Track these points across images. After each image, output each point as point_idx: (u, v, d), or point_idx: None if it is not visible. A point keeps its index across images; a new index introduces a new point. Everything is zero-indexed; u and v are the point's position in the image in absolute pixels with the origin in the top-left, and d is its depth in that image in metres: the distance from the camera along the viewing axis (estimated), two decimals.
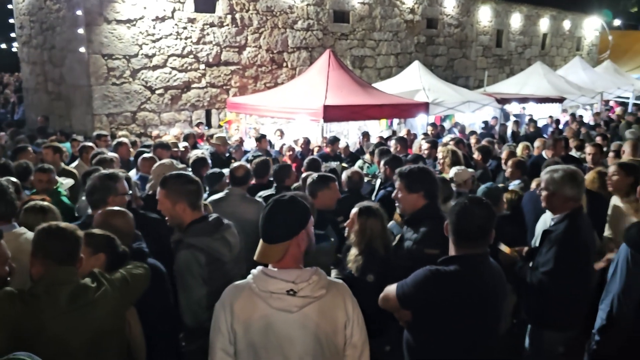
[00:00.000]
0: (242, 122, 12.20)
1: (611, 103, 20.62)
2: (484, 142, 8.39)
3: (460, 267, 2.47)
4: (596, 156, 6.40)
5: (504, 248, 3.44)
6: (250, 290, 2.07)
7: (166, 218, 3.04)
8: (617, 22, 32.70)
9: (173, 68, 11.80)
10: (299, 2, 14.01)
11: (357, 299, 2.18)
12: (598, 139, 8.86)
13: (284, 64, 14.01)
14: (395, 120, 13.75)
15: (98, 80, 10.84)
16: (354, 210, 3.37)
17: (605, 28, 28.43)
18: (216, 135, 8.99)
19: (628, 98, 20.76)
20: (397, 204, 3.27)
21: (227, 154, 8.61)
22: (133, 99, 11.36)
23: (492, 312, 2.58)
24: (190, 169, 5.71)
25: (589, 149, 6.54)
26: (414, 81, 13.41)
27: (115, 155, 6.03)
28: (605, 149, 7.49)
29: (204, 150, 8.12)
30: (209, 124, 12.52)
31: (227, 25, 12.60)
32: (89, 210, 3.47)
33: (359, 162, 8.13)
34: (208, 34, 12.26)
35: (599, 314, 2.71)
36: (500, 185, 5.80)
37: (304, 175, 5.39)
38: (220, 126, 12.54)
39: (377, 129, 13.59)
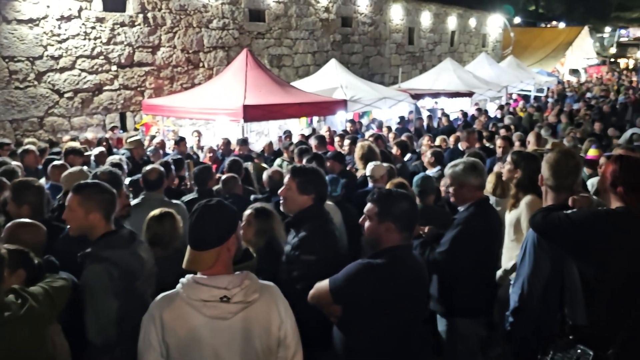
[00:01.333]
0: (159, 124, 11.85)
1: (514, 96, 21.92)
2: (402, 137, 8.66)
3: (389, 259, 2.55)
4: (506, 148, 6.79)
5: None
6: (181, 300, 2.02)
7: (68, 227, 2.87)
8: (517, 20, 34.81)
9: (82, 70, 11.24)
10: (213, 1, 13.79)
11: None
12: (503, 131, 9.41)
13: (201, 64, 13.75)
14: (315, 118, 13.90)
15: None
16: (248, 211, 3.36)
17: (507, 25, 30.20)
18: (130, 139, 8.63)
19: (530, 91, 22.20)
20: (281, 201, 3.10)
21: (145, 158, 8.33)
22: (39, 104, 10.70)
23: (420, 301, 2.70)
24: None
25: (499, 141, 6.93)
26: (331, 79, 13.60)
27: (19, 164, 5.67)
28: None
29: (120, 155, 7.81)
30: (124, 128, 12.04)
31: (139, 24, 12.18)
32: None
33: (278, 161, 8.15)
34: (119, 34, 11.79)
35: (511, 296, 2.89)
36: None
37: (223, 177, 5.34)
38: (136, 129, 12.11)
39: (298, 127, 13.68)
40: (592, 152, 5.43)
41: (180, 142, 8.71)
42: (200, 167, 5.51)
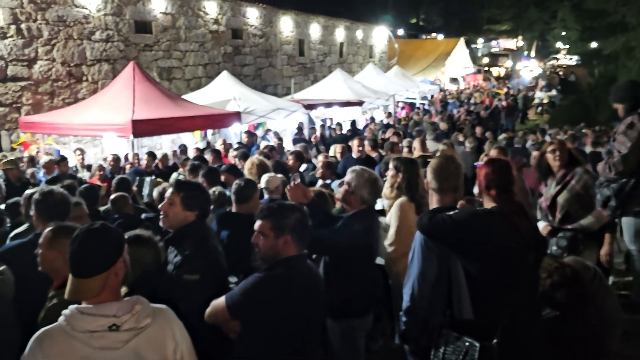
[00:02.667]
0: (39, 142, 11.05)
1: (400, 104, 23.05)
2: (297, 147, 8.75)
3: (286, 269, 2.58)
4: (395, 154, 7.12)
5: None
6: (64, 334, 1.88)
7: None
8: (401, 32, 36.66)
9: None
10: (94, 11, 13.13)
11: None
12: (393, 138, 9.85)
13: (84, 78, 13.02)
14: (210, 131, 13.68)
15: None
16: None
17: (392, 37, 31.69)
18: (4, 160, 7.94)
19: (415, 99, 23.45)
20: (161, 216, 2.99)
21: (25, 180, 7.73)
22: None
23: (318, 308, 2.75)
24: None
25: (385, 146, 7.23)
26: (224, 91, 13.47)
27: None
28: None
29: None
30: None
31: (12, 36, 11.29)
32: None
33: (174, 175, 7.93)
34: None
35: (404, 296, 3.04)
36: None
37: (112, 196, 5.10)
38: (13, 149, 11.19)
39: (192, 140, 13.38)
40: (494, 153, 5.81)
41: (61, 161, 8.14)
42: (85, 187, 5.22)
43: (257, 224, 2.67)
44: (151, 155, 9.23)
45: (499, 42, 57.94)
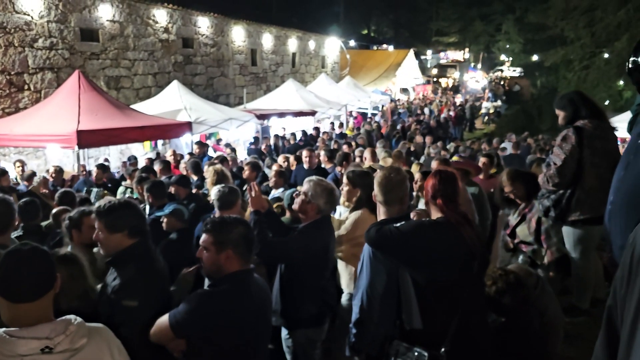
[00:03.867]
0: None
1: (354, 113, 23.31)
2: (251, 158, 8.70)
3: (230, 285, 2.54)
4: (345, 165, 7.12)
5: None
6: None
7: None
8: (352, 43, 37.13)
9: None
10: (37, 18, 12.68)
11: None
12: (345, 147, 9.94)
13: (26, 87, 12.53)
14: (160, 141, 13.43)
15: None
16: None
17: (343, 48, 32.05)
18: None
19: (367, 109, 23.76)
20: (99, 246, 2.88)
21: None
22: None
23: (265, 321, 2.73)
24: None
25: (337, 158, 7.28)
26: (174, 101, 13.26)
27: None
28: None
29: None
30: None
31: None
32: None
33: (121, 189, 7.74)
34: None
35: (353, 308, 3.05)
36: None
37: (54, 210, 4.90)
38: None
39: (141, 151, 13.10)
40: (455, 159, 5.97)
41: (1, 176, 7.76)
42: (25, 200, 5.00)
43: (202, 238, 2.63)
44: (101, 167, 8.90)
45: (447, 54, 59.53)
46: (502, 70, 53.77)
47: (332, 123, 17.56)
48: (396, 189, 3.07)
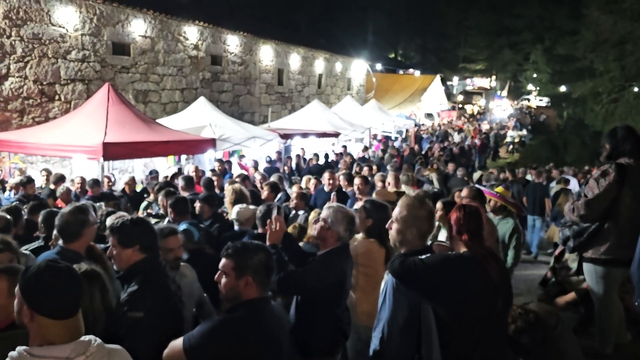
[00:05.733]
0: (5, 161, 10.74)
1: (379, 137, 23.29)
2: (272, 178, 8.64)
3: (247, 312, 2.49)
4: (363, 187, 6.98)
5: None
6: None
7: None
8: (379, 66, 37.29)
9: None
10: (72, 31, 13.00)
11: None
12: (365, 171, 9.86)
13: (57, 97, 12.80)
14: (184, 157, 13.53)
15: None
16: None
17: (370, 71, 32.19)
18: None
19: (390, 132, 23.72)
20: (113, 261, 2.94)
21: None
22: None
23: (280, 354, 2.65)
24: None
25: (356, 180, 7.17)
26: (200, 117, 13.39)
27: None
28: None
29: None
30: None
31: None
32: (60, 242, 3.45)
33: (144, 204, 7.77)
34: None
35: (373, 340, 2.97)
36: None
37: None
38: None
39: (165, 165, 13.21)
40: (499, 190, 5.81)
41: (27, 183, 7.86)
42: (48, 211, 5.02)
43: (221, 262, 2.60)
44: (96, 182, 8.87)
45: (474, 81, 59.46)
46: (528, 100, 53.48)
47: (344, 147, 17.49)
48: (421, 222, 2.99)
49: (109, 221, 4.90)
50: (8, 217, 4.30)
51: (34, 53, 12.14)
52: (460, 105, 47.66)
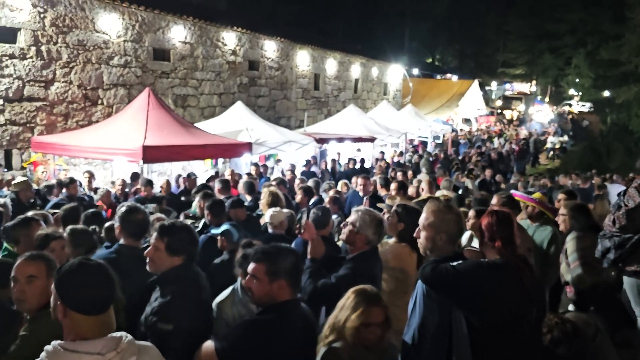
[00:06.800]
0: (50, 163, 11.12)
1: (415, 142, 23.11)
2: (309, 182, 8.68)
3: (276, 315, 2.51)
4: (399, 192, 6.98)
5: None
6: None
7: None
8: (416, 71, 37.03)
9: None
10: (115, 37, 13.40)
11: None
12: (400, 175, 9.81)
13: (100, 101, 13.19)
14: (220, 160, 13.74)
15: None
16: None
17: (406, 76, 31.99)
18: (16, 181, 7.94)
19: (427, 138, 23.50)
20: (147, 261, 2.88)
21: (32, 200, 7.74)
22: None
23: (310, 353, 2.67)
24: None
25: (393, 185, 7.15)
26: (237, 121, 13.58)
27: None
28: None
29: (3, 197, 7.18)
30: (8, 166, 11.17)
31: (31, 57, 11.51)
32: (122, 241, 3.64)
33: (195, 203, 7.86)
34: (7, 66, 11.06)
35: (403, 346, 2.95)
36: None
37: (106, 225, 5.03)
38: (23, 168, 11.28)
39: (202, 168, 13.43)
40: (537, 196, 5.69)
41: (70, 184, 8.13)
42: (92, 212, 5.21)
43: (251, 267, 2.61)
44: (149, 183, 9.06)
45: (513, 86, 58.27)
46: (570, 105, 52.06)
47: (382, 152, 17.38)
48: (449, 226, 2.95)
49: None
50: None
51: (79, 59, 12.56)
52: (499, 111, 46.80)
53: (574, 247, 4.51)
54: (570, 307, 4.35)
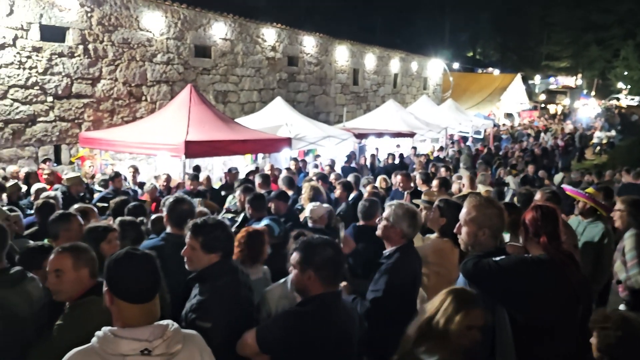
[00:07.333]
0: (96, 158, 11.48)
1: (455, 137, 22.76)
2: (349, 177, 8.66)
3: (317, 307, 2.53)
4: (440, 188, 6.89)
5: None
6: (96, 356, 1.88)
7: None
8: (456, 65, 36.43)
9: (15, 100, 10.81)
10: (158, 35, 13.69)
11: None
12: (442, 171, 9.69)
13: (143, 98, 13.52)
14: (260, 155, 13.88)
15: None
16: None
17: (447, 70, 31.52)
18: (69, 175, 8.25)
19: (468, 133, 23.11)
20: (185, 260, 2.90)
21: (81, 194, 8.02)
22: None
23: (349, 346, 2.67)
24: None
25: (435, 181, 7.08)
26: (277, 116, 13.69)
27: None
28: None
29: (55, 191, 7.46)
30: (58, 161, 11.59)
31: (79, 55, 11.89)
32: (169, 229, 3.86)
33: (230, 198, 8.01)
34: (57, 65, 11.46)
35: None
36: None
37: (153, 217, 5.16)
38: (71, 162, 11.68)
39: (243, 163, 13.60)
40: (589, 191, 5.53)
41: (115, 178, 8.40)
42: (134, 205, 5.35)
43: (292, 255, 2.66)
44: (195, 177, 9.22)
45: (557, 79, 56.66)
46: (618, 99, 50.24)
47: (414, 147, 17.11)
48: (492, 221, 2.88)
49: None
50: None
51: (124, 57, 12.89)
52: (543, 105, 45.60)
53: (633, 245, 4.32)
54: (622, 307, 4.22)
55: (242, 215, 5.81)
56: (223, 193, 9.33)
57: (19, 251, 3.53)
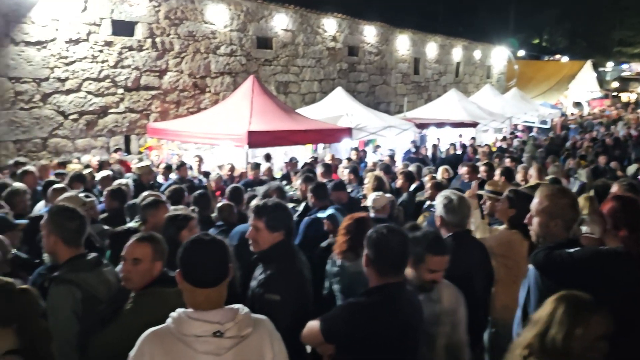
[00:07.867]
0: (163, 148, 11.90)
1: (520, 127, 22.00)
2: (411, 167, 8.57)
3: (381, 297, 2.51)
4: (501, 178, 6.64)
5: None
6: (172, 336, 1.94)
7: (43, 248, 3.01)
8: (521, 53, 35.16)
9: (88, 92, 11.36)
10: (221, 27, 13.99)
11: None
12: (507, 162, 9.40)
13: (207, 89, 13.87)
14: (320, 145, 13.94)
15: (4, 104, 10.19)
16: None
17: (512, 58, 30.49)
18: (140, 164, 8.60)
19: (534, 122, 22.28)
20: (250, 243, 3.01)
21: (151, 182, 8.34)
22: (44, 125, 10.77)
23: (413, 337, 2.65)
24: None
25: (497, 172, 6.87)
26: (337, 107, 13.69)
27: (23, 185, 5.62)
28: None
29: (126, 179, 7.79)
30: (128, 151, 12.10)
31: (147, 49, 12.33)
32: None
33: (286, 187, 8.11)
34: (126, 58, 11.94)
35: (514, 336, 2.84)
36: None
37: (219, 204, 5.29)
38: (140, 152, 12.16)
39: (303, 153, 13.70)
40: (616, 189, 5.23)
41: (180, 167, 8.69)
42: (199, 193, 5.50)
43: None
44: (256, 166, 9.35)
45: (631, 66, 53.53)
46: None
47: (473, 138, 16.48)
48: (565, 211, 2.76)
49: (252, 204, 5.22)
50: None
51: (189, 49, 13.26)
52: (615, 93, 43.29)
53: None
54: None
55: (303, 204, 5.86)
56: (284, 182, 9.44)
57: (104, 234, 3.70)
